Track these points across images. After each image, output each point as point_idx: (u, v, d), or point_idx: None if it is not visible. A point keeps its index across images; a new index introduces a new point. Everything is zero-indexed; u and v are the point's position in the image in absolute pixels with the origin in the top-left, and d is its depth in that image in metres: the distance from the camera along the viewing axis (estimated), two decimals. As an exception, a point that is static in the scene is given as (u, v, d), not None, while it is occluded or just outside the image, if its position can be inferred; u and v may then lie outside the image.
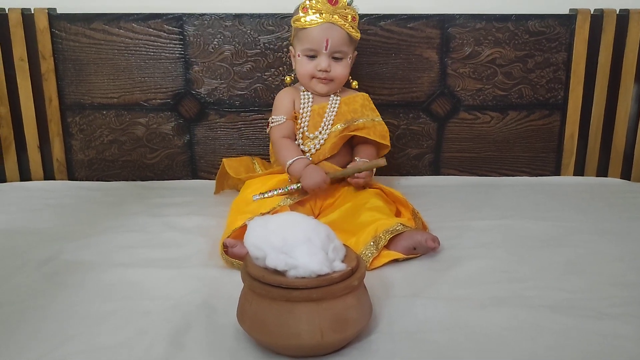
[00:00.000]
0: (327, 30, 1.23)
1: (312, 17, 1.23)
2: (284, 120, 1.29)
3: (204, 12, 1.50)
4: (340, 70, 1.28)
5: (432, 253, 1.07)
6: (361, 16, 1.49)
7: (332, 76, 1.27)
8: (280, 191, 1.16)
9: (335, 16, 1.23)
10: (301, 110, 1.30)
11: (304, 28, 1.25)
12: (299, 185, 1.17)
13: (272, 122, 1.30)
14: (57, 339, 0.78)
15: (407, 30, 1.51)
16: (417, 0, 1.56)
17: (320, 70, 1.26)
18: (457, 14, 1.51)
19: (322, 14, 1.23)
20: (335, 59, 1.27)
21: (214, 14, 1.50)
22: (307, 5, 1.24)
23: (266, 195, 1.15)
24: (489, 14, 1.52)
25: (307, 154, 1.26)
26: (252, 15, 1.50)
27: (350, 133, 1.27)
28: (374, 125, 1.30)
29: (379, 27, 1.51)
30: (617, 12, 1.51)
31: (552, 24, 1.52)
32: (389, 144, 1.31)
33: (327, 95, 1.31)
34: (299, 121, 1.29)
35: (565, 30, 1.52)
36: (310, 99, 1.31)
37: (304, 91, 1.32)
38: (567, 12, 1.54)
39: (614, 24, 1.51)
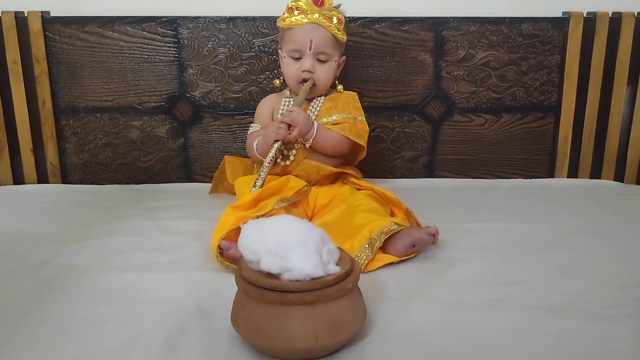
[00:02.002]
0: (311, 30, 1.24)
1: (297, 18, 1.24)
2: (258, 129, 1.33)
3: (198, 15, 1.50)
4: (324, 73, 1.28)
5: (432, 249, 1.07)
6: (355, 19, 1.50)
7: (314, 78, 1.27)
8: (267, 166, 1.17)
9: (320, 17, 1.23)
10: (280, 115, 1.31)
11: (289, 28, 1.26)
12: (277, 145, 1.18)
13: (250, 128, 1.36)
14: (53, 343, 0.78)
15: (401, 33, 1.51)
16: (411, 3, 1.57)
17: (304, 71, 1.26)
18: (451, 17, 1.51)
19: (307, 14, 1.24)
20: (320, 61, 1.27)
21: (208, 16, 1.50)
22: (293, 6, 1.25)
23: (259, 181, 1.15)
24: (483, 17, 1.52)
25: (287, 161, 1.26)
26: (246, 18, 1.50)
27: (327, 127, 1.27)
28: (354, 123, 1.29)
29: (373, 30, 1.51)
30: (610, 15, 1.52)
31: (545, 27, 1.52)
32: (365, 145, 1.30)
33: (310, 100, 1.32)
34: None
35: (559, 33, 1.53)
36: (292, 104, 1.32)
37: (287, 97, 1.33)
38: (560, 15, 1.55)
39: (606, 27, 1.52)
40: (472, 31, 1.52)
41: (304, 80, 1.28)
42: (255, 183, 1.15)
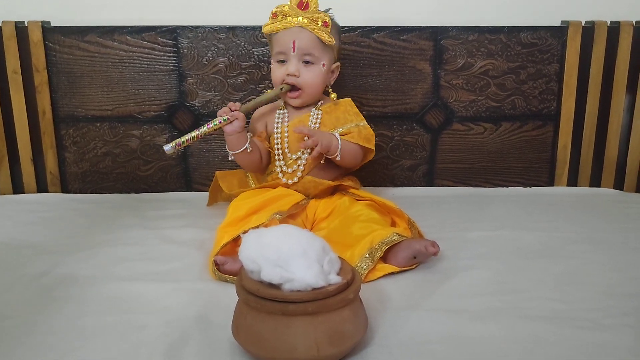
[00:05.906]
0: (295, 32, 1.22)
1: (280, 22, 1.23)
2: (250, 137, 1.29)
3: (197, 24, 1.50)
4: (310, 76, 1.24)
5: (433, 258, 1.07)
6: (354, 28, 1.50)
7: (300, 82, 1.24)
8: (202, 132, 1.20)
9: (304, 20, 1.21)
10: (276, 130, 1.28)
11: (274, 33, 1.25)
12: (216, 121, 1.20)
13: None
14: (54, 353, 0.78)
15: (400, 42, 1.52)
16: (410, 12, 1.57)
17: (288, 75, 1.24)
18: (450, 26, 1.52)
19: (291, 17, 1.23)
20: (306, 63, 1.24)
21: (207, 26, 1.50)
22: (277, 11, 1.24)
23: (181, 140, 1.17)
24: (482, 25, 1.53)
25: (295, 177, 1.24)
26: (246, 28, 1.50)
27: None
28: (359, 130, 1.26)
29: (372, 39, 1.52)
30: (608, 24, 1.52)
31: (544, 36, 1.53)
32: (373, 148, 1.29)
33: (301, 109, 1.29)
34: (276, 142, 1.27)
35: (557, 41, 1.53)
36: (286, 116, 1.29)
37: (281, 107, 1.31)
38: (558, 24, 1.55)
39: (605, 36, 1.52)
40: (471, 40, 1.53)
41: (289, 90, 1.25)
42: (176, 140, 1.17)
